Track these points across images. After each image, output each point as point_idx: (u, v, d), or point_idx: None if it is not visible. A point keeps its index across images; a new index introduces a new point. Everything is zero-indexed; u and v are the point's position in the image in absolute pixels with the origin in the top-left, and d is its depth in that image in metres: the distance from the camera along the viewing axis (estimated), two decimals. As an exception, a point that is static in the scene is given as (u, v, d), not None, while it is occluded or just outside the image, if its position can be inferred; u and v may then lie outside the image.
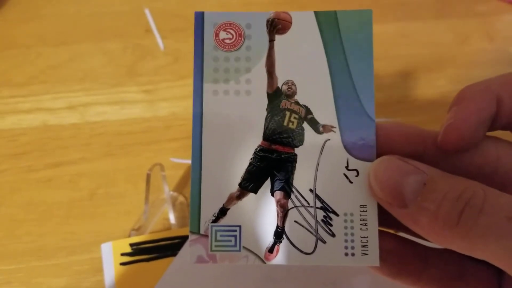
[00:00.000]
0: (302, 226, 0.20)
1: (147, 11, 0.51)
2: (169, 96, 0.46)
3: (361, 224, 0.20)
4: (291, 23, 0.21)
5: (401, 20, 0.54)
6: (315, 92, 0.21)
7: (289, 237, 0.20)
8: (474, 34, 0.53)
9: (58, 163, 0.42)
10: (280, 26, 0.21)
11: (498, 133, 0.20)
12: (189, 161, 0.42)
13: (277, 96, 0.21)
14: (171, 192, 0.40)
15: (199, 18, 0.21)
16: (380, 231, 0.20)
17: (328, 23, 0.21)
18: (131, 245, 0.35)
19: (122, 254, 0.35)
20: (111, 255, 0.35)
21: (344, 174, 0.20)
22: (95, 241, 0.37)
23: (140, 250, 0.35)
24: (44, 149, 0.43)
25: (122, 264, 0.34)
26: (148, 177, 0.37)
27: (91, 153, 0.43)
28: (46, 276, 0.36)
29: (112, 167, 0.42)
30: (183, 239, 0.36)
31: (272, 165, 0.21)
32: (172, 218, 0.37)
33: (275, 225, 0.20)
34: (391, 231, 0.22)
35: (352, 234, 0.20)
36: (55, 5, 0.52)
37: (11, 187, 0.41)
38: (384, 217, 0.20)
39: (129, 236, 0.37)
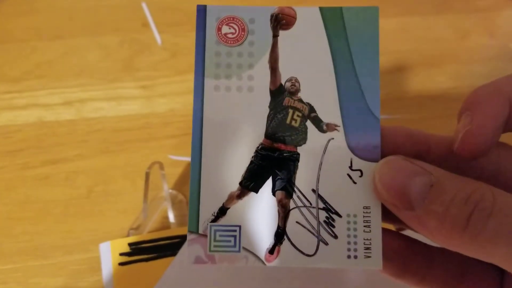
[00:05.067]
0: (304, 227, 0.20)
1: (144, 5, 0.50)
2: (167, 92, 0.46)
3: (364, 226, 0.20)
4: (295, 18, 0.20)
5: (400, 15, 0.53)
6: (319, 89, 0.20)
7: (290, 238, 0.20)
8: (474, 30, 0.53)
9: (54, 160, 0.41)
10: (284, 21, 0.20)
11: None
12: (188, 159, 0.41)
13: (280, 93, 0.20)
14: (170, 190, 0.40)
15: (202, 11, 0.20)
16: (384, 230, 0.20)
17: (333, 19, 0.20)
18: (130, 244, 0.35)
19: (121, 254, 0.34)
20: (109, 255, 0.34)
21: (348, 174, 0.20)
22: (92, 239, 0.37)
23: (139, 249, 0.34)
24: (40, 146, 0.42)
25: (121, 264, 0.34)
26: (147, 176, 0.37)
27: (88, 150, 0.42)
28: (43, 276, 0.35)
29: (109, 164, 0.41)
30: (183, 238, 0.35)
31: (273, 164, 0.20)
32: (171, 217, 0.37)
33: (276, 226, 0.20)
34: (395, 229, 0.21)
35: (355, 236, 0.20)
36: (51, -1, 0.51)
37: (6, 184, 0.40)
38: (389, 214, 0.19)
39: (128, 235, 0.37)
